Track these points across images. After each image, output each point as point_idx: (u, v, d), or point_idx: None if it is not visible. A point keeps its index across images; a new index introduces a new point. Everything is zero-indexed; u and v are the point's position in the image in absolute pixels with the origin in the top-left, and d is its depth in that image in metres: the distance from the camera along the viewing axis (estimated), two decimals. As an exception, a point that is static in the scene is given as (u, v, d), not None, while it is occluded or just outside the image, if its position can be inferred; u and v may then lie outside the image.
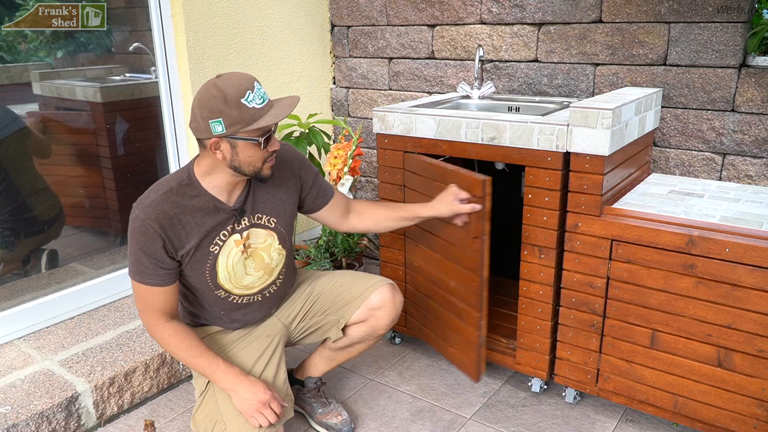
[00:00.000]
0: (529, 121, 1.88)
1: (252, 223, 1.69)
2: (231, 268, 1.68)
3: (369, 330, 1.86)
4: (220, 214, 1.62)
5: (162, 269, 1.58)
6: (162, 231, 1.55)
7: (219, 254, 1.65)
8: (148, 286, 1.59)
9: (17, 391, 1.91)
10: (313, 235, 3.22)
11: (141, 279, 1.59)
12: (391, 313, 1.84)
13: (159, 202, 1.56)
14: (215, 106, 1.47)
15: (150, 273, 1.58)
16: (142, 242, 1.56)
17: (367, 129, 3.11)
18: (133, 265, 1.59)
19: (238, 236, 1.67)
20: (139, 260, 1.57)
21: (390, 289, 1.85)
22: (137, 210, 1.57)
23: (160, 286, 1.59)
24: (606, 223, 1.81)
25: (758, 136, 2.10)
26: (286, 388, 1.76)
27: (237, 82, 1.49)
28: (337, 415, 1.95)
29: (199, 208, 1.60)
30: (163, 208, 1.56)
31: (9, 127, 2.21)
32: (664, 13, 2.18)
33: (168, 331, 1.61)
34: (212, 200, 1.61)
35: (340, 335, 1.85)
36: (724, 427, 1.75)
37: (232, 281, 1.70)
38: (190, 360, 1.62)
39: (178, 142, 2.58)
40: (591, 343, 1.93)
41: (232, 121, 1.47)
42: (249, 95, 1.48)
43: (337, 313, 1.85)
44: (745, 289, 1.62)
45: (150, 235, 1.55)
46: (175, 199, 1.57)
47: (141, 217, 1.55)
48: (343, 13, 3.04)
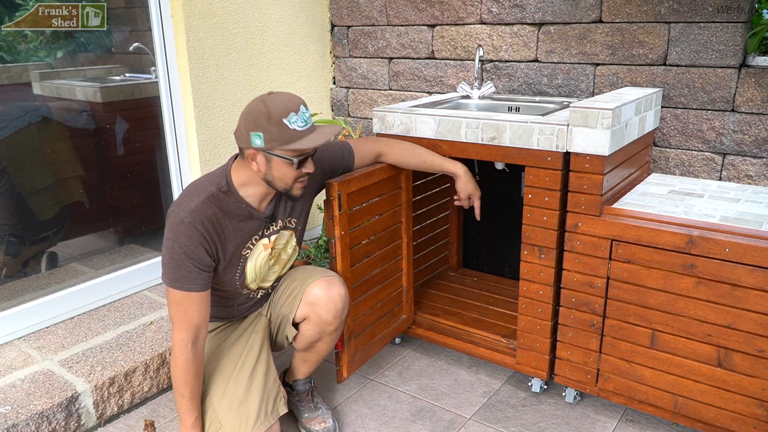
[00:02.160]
0: (529, 121, 1.88)
1: (280, 227, 1.78)
2: (258, 269, 1.77)
3: (318, 328, 1.83)
4: (253, 220, 1.70)
5: (203, 272, 1.60)
6: (207, 234, 1.59)
7: (249, 257, 1.73)
8: (186, 292, 1.59)
9: (17, 391, 1.91)
10: (313, 235, 3.22)
11: (181, 285, 1.58)
12: (329, 308, 1.79)
13: (203, 206, 1.60)
14: (258, 121, 1.55)
15: (192, 278, 1.59)
16: (186, 246, 1.56)
17: (367, 129, 3.11)
18: (172, 272, 1.58)
19: (267, 240, 1.76)
20: (182, 265, 1.57)
21: (325, 283, 1.80)
22: (182, 214, 1.57)
23: (197, 292, 1.60)
24: (606, 223, 1.81)
25: (758, 136, 2.10)
26: (278, 385, 1.78)
27: (284, 102, 1.56)
28: (321, 422, 1.93)
29: (236, 214, 1.66)
30: (206, 213, 1.60)
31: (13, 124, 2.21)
32: (664, 13, 2.18)
33: (185, 356, 1.62)
34: (248, 208, 1.67)
35: (294, 332, 1.86)
36: (724, 427, 1.75)
37: (257, 281, 1.80)
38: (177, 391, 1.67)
39: (178, 142, 2.58)
40: (591, 343, 1.93)
41: (271, 138, 1.55)
42: (292, 117, 1.56)
43: (287, 308, 1.86)
44: (745, 289, 1.62)
45: (196, 239, 1.57)
46: (217, 204, 1.63)
47: (187, 220, 1.57)
48: (343, 13, 3.04)
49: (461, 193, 2.08)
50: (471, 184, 2.06)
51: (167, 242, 1.58)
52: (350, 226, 1.96)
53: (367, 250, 2.07)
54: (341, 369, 2.05)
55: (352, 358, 2.07)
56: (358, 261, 2.03)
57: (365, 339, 2.13)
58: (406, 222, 2.23)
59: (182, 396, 1.65)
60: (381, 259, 2.15)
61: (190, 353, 1.62)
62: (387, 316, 2.24)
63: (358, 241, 2.01)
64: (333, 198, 1.86)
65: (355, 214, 1.98)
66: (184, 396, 1.65)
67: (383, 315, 2.22)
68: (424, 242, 2.60)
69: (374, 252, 2.10)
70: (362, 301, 2.08)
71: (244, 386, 1.71)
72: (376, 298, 2.16)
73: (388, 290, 2.22)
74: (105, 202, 2.57)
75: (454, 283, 2.72)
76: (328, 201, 1.87)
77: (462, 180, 2.06)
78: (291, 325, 1.85)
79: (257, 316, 1.90)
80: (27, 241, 2.36)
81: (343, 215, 1.90)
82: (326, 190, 1.87)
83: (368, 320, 2.14)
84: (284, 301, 1.87)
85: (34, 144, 2.30)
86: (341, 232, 1.91)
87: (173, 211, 1.60)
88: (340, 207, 1.88)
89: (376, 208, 2.08)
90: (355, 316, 2.04)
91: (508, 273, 2.74)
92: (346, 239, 1.94)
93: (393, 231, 2.20)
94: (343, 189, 1.88)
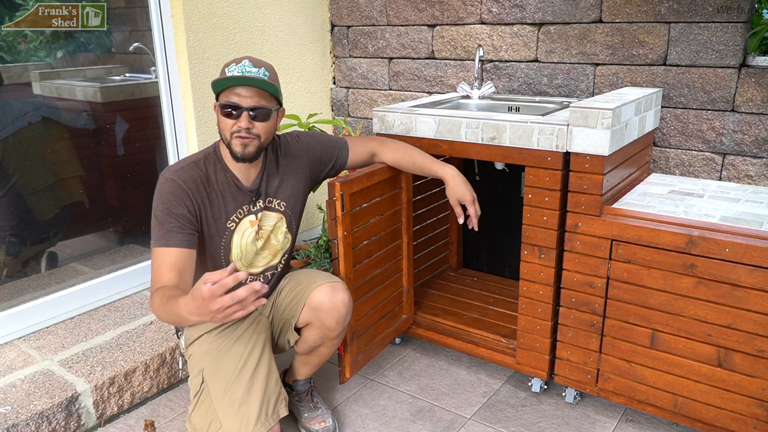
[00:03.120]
0: (529, 121, 1.88)
1: (265, 206, 1.79)
2: (244, 246, 1.77)
3: (321, 334, 1.82)
4: (239, 193, 1.73)
5: (188, 227, 1.62)
6: (191, 193, 1.64)
7: (234, 231, 1.74)
8: (171, 248, 1.57)
9: (17, 391, 1.91)
10: (313, 235, 3.22)
11: (165, 242, 1.57)
12: (333, 314, 1.77)
13: (188, 169, 1.67)
14: None
15: (175, 232, 1.59)
16: (169, 202, 1.60)
17: (367, 129, 3.11)
18: (157, 230, 1.60)
19: (253, 217, 1.77)
20: (164, 222, 1.59)
21: (329, 289, 1.78)
22: (167, 173, 1.65)
23: (182, 248, 1.59)
24: (606, 223, 1.81)
25: (758, 136, 2.10)
26: (279, 387, 1.78)
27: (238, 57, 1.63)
28: (321, 422, 1.93)
29: (221, 182, 1.71)
30: (191, 174, 1.66)
31: (13, 124, 2.21)
32: (664, 13, 2.18)
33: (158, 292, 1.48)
34: (233, 178, 1.72)
35: (296, 336, 1.85)
36: (724, 427, 1.75)
37: (243, 260, 1.79)
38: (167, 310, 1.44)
39: (178, 142, 2.58)
40: (591, 343, 1.93)
41: (213, 85, 1.61)
42: (232, 66, 1.60)
43: (289, 312, 1.85)
44: (745, 289, 1.62)
45: (179, 195, 1.62)
46: (203, 169, 1.69)
47: (172, 178, 1.63)
48: (343, 13, 3.04)
49: (450, 198, 1.92)
50: (460, 189, 1.89)
51: (153, 203, 1.63)
52: (352, 227, 1.96)
53: (368, 251, 2.07)
54: (344, 370, 2.05)
55: (355, 358, 2.07)
56: (360, 261, 2.03)
57: (367, 339, 2.13)
58: (406, 222, 2.24)
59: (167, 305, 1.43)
60: (382, 260, 2.15)
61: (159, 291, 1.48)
62: (388, 317, 2.24)
63: (359, 242, 2.01)
64: (336, 198, 1.86)
65: (357, 214, 1.98)
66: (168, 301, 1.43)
67: (384, 315, 2.22)
68: (424, 242, 2.60)
69: (375, 252, 2.10)
70: (364, 302, 2.08)
71: (245, 387, 1.70)
72: (377, 298, 2.16)
73: (389, 290, 2.23)
74: (105, 202, 2.57)
75: (454, 283, 2.72)
76: (330, 201, 1.87)
77: (449, 184, 1.91)
78: (293, 330, 1.84)
79: (258, 316, 1.89)
80: (27, 241, 2.36)
81: (345, 216, 1.90)
82: (328, 190, 1.87)
83: (370, 320, 2.14)
84: (287, 304, 1.86)
85: (34, 144, 2.29)
86: (344, 233, 1.91)
87: (161, 175, 1.66)
88: (343, 207, 1.88)
89: (377, 209, 2.08)
90: (357, 317, 2.04)
91: (508, 273, 2.74)
92: (348, 240, 1.94)
93: (393, 231, 2.20)
94: (345, 189, 1.88)
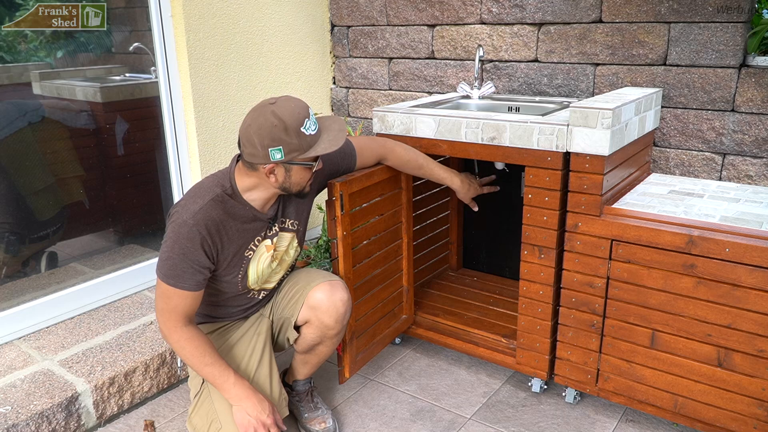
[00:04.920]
0: (529, 121, 1.88)
1: (280, 228, 1.77)
2: (261, 272, 1.76)
3: (319, 332, 1.82)
4: (257, 222, 1.69)
5: (200, 275, 1.60)
6: (209, 237, 1.58)
7: (252, 259, 1.72)
8: (178, 290, 1.58)
9: (17, 391, 1.91)
10: (313, 235, 3.22)
11: (174, 283, 1.57)
12: (331, 313, 1.78)
13: (207, 208, 1.59)
14: (275, 135, 1.51)
15: (187, 278, 1.58)
16: (187, 248, 1.56)
17: (367, 129, 3.11)
18: (168, 269, 1.57)
19: (269, 242, 1.75)
20: (177, 265, 1.56)
21: (328, 287, 1.79)
22: (185, 215, 1.57)
23: (190, 291, 1.60)
24: (606, 223, 1.81)
25: (758, 136, 2.10)
26: (279, 388, 1.78)
27: (295, 110, 1.54)
28: (321, 422, 1.93)
29: (240, 216, 1.65)
30: (211, 215, 1.59)
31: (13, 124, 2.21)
32: (664, 13, 2.18)
33: (184, 335, 1.61)
34: (251, 210, 1.67)
35: (295, 335, 1.86)
36: (724, 427, 1.75)
37: (259, 282, 1.78)
38: (201, 368, 1.61)
39: (178, 142, 2.58)
40: (591, 343, 1.93)
41: (292, 149, 1.53)
42: (306, 123, 1.55)
43: (289, 311, 1.86)
44: (745, 289, 1.62)
45: (197, 241, 1.56)
46: (221, 206, 1.62)
47: (190, 222, 1.56)
48: (343, 13, 3.04)
49: (464, 200, 2.25)
50: (471, 192, 2.22)
51: (167, 242, 1.58)
52: (352, 227, 1.96)
53: (368, 251, 2.07)
54: (343, 370, 2.05)
55: (354, 358, 2.07)
56: (360, 261, 2.03)
57: (367, 339, 2.13)
58: (406, 222, 2.24)
59: (207, 365, 1.61)
60: (382, 260, 2.15)
61: (188, 330, 1.61)
62: (388, 316, 2.24)
63: (359, 242, 2.01)
64: (335, 198, 1.86)
65: (357, 214, 1.98)
66: (209, 364, 1.61)
67: (384, 315, 2.22)
68: (424, 242, 2.60)
69: (375, 252, 2.10)
70: (364, 302, 2.08)
71: None
72: (377, 298, 2.16)
73: (388, 290, 2.23)
74: (105, 202, 2.57)
75: (454, 283, 2.72)
76: (330, 201, 1.87)
77: (461, 193, 2.20)
78: (293, 328, 1.84)
79: (259, 317, 1.90)
80: (27, 241, 2.36)
81: (345, 216, 1.90)
82: (328, 190, 1.87)
83: (370, 320, 2.14)
84: (286, 303, 1.86)
85: (34, 144, 2.29)
86: (343, 233, 1.91)
87: (177, 212, 1.59)
88: (342, 207, 1.88)
89: (377, 208, 2.08)
90: (357, 317, 2.04)
91: (508, 273, 2.74)
92: (348, 240, 1.94)
93: (393, 231, 2.20)
94: (345, 189, 1.88)
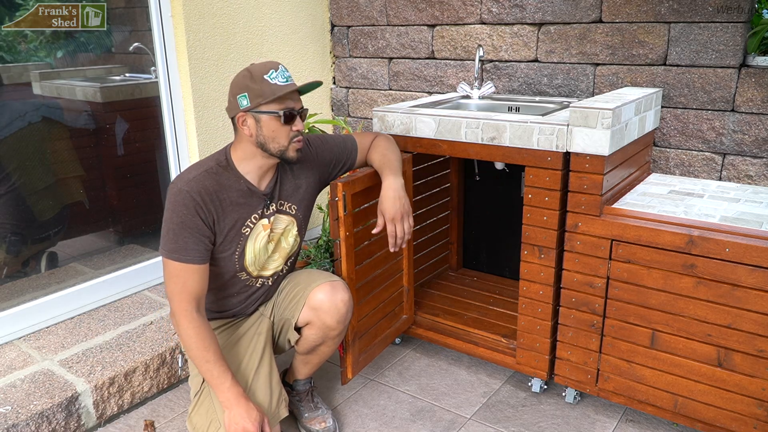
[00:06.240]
0: (529, 121, 1.88)
1: (277, 209, 1.78)
2: (257, 251, 1.76)
3: (321, 333, 1.82)
4: (253, 197, 1.71)
5: (201, 243, 1.61)
6: (204, 204, 1.62)
7: (249, 237, 1.73)
8: (185, 264, 1.59)
9: (17, 391, 1.91)
10: (313, 235, 3.22)
11: (179, 257, 1.59)
12: (333, 313, 1.78)
13: (201, 178, 1.63)
14: (242, 83, 1.62)
15: (190, 248, 1.59)
16: (184, 215, 1.59)
17: (367, 129, 3.11)
18: (170, 243, 1.59)
19: (266, 221, 1.76)
20: (179, 235, 1.59)
21: (329, 288, 1.78)
22: (179, 183, 1.61)
23: (196, 263, 1.61)
24: (606, 223, 1.81)
25: (758, 136, 2.10)
26: (279, 388, 1.77)
27: (264, 63, 1.64)
28: (321, 422, 1.93)
29: (235, 188, 1.68)
30: (204, 184, 1.63)
31: (13, 125, 2.21)
32: (664, 13, 2.18)
33: (194, 323, 1.60)
34: (246, 183, 1.70)
35: (296, 336, 1.85)
36: (724, 427, 1.75)
37: (256, 264, 1.78)
38: (201, 363, 1.61)
39: (178, 142, 2.58)
40: (591, 343, 1.93)
41: (255, 94, 1.60)
42: (272, 73, 1.61)
43: (289, 311, 1.85)
44: (745, 289, 1.62)
45: (193, 208, 1.60)
46: (215, 177, 1.66)
47: (185, 189, 1.60)
48: (343, 13, 3.04)
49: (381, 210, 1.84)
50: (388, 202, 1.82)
51: (166, 213, 1.61)
52: (354, 227, 1.96)
53: (369, 251, 2.07)
54: (345, 370, 2.05)
55: (357, 359, 2.06)
56: (361, 262, 2.03)
57: (368, 339, 2.13)
58: (406, 222, 2.23)
59: (208, 362, 1.60)
60: (383, 260, 2.15)
61: (198, 319, 1.60)
62: (389, 317, 2.24)
63: (360, 242, 2.01)
64: (338, 199, 1.86)
65: (359, 214, 1.98)
66: (210, 361, 1.60)
67: (385, 315, 2.22)
68: (424, 242, 2.60)
69: (376, 252, 2.10)
70: (366, 302, 2.08)
71: (245, 388, 1.70)
72: (378, 298, 2.16)
73: (389, 290, 2.23)
74: (105, 202, 2.57)
75: (455, 283, 2.72)
76: (333, 202, 1.87)
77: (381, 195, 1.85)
78: (293, 329, 1.84)
79: (260, 316, 1.89)
80: (27, 241, 2.36)
81: (348, 216, 1.90)
82: (330, 190, 1.87)
83: (371, 321, 2.14)
84: (287, 304, 1.86)
85: (34, 144, 2.29)
86: (346, 233, 1.91)
87: (172, 183, 1.63)
88: (345, 208, 1.88)
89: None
90: (359, 317, 2.04)
91: (508, 273, 2.74)
92: (350, 240, 1.94)
93: (393, 231, 2.20)
94: (348, 189, 1.88)
